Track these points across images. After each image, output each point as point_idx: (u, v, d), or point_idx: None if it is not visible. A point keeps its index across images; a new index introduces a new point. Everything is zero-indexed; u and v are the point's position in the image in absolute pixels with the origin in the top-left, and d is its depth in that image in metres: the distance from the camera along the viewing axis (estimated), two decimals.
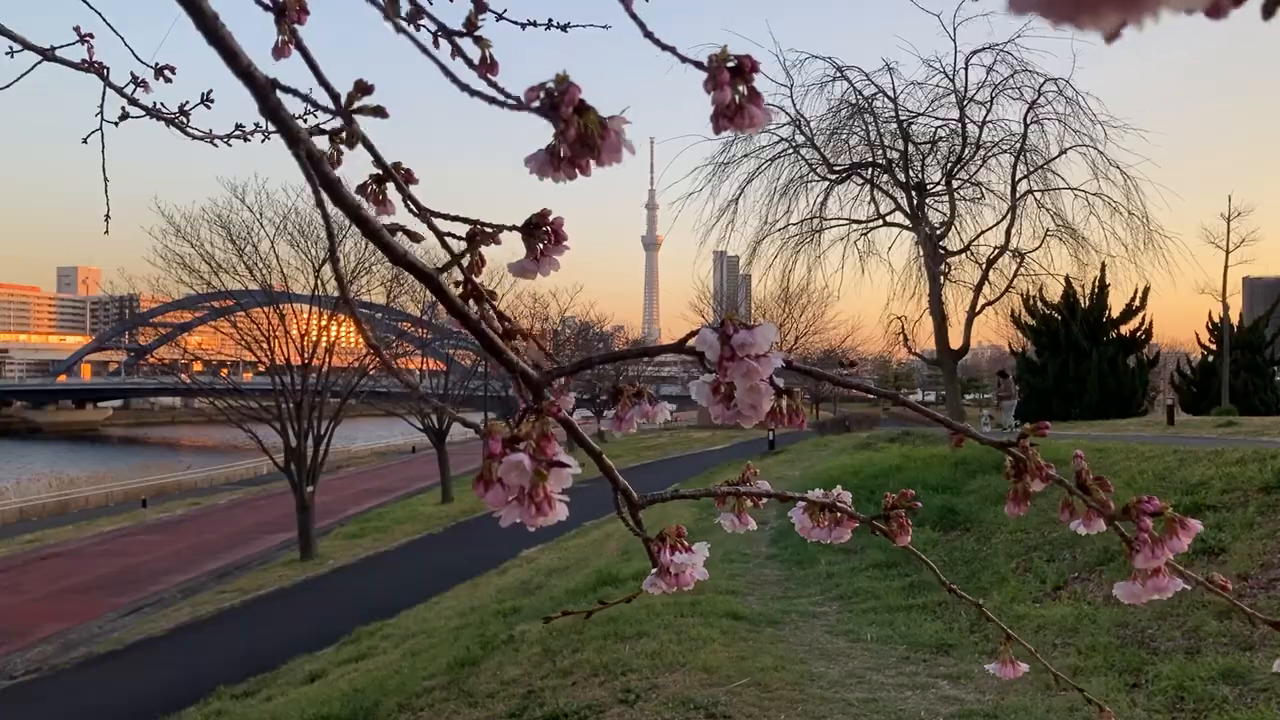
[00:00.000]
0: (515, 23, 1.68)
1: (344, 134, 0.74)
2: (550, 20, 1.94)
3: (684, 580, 0.85)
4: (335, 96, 0.73)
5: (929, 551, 9.65)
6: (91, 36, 2.20)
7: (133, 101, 2.34)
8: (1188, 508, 8.61)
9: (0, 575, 18.98)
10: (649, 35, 0.70)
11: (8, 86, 2.37)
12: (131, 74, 2.31)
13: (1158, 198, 25.74)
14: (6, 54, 2.15)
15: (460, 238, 0.78)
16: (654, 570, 0.85)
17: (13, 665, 12.79)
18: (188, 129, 2.44)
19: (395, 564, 19.17)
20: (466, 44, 0.82)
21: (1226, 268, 35.07)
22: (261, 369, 23.57)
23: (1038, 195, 18.94)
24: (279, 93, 0.68)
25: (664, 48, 0.70)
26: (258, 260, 22.18)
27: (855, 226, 20.05)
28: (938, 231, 18.50)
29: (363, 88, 0.74)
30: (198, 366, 27.78)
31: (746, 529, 0.97)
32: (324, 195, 0.68)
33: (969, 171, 18.75)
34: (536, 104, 0.66)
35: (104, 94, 2.32)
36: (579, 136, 0.67)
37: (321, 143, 0.74)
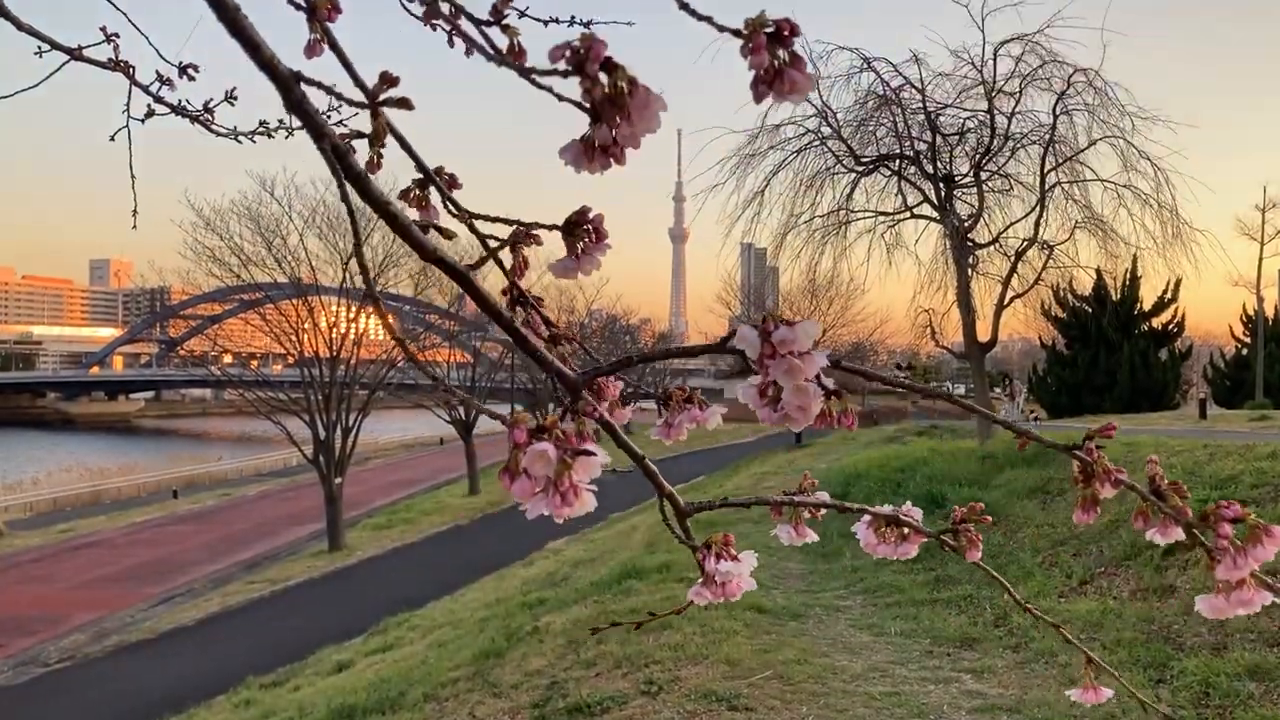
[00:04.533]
0: (538, 19, 1.70)
1: (375, 130, 0.74)
2: (573, 17, 1.95)
3: (731, 590, 0.82)
4: (364, 88, 0.73)
5: None
6: (117, 36, 2.23)
7: (158, 100, 2.37)
8: (1216, 502, 8.51)
9: (35, 565, 19.28)
10: (684, 6, 0.67)
11: (36, 85, 2.41)
12: (157, 72, 2.34)
13: (1188, 190, 25.41)
14: (35, 54, 2.19)
15: (501, 240, 0.77)
16: (699, 580, 0.82)
17: (47, 653, 12.99)
18: (212, 126, 2.47)
19: (422, 555, 19.30)
20: (495, 34, 0.81)
21: (1261, 260, 34.68)
22: (290, 361, 23.77)
23: (1066, 187, 18.74)
24: (303, 86, 0.68)
25: (700, 18, 0.68)
26: (286, 253, 22.37)
27: (882, 218, 19.92)
28: (965, 223, 18.34)
29: (388, 79, 0.73)
30: (228, 359, 28.05)
31: (805, 540, 0.93)
32: (349, 190, 0.69)
33: (997, 163, 18.57)
34: (562, 63, 0.64)
35: (130, 92, 2.36)
36: (608, 96, 0.64)
37: (360, 146, 0.74)
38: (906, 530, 0.93)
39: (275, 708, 9.02)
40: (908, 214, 19.61)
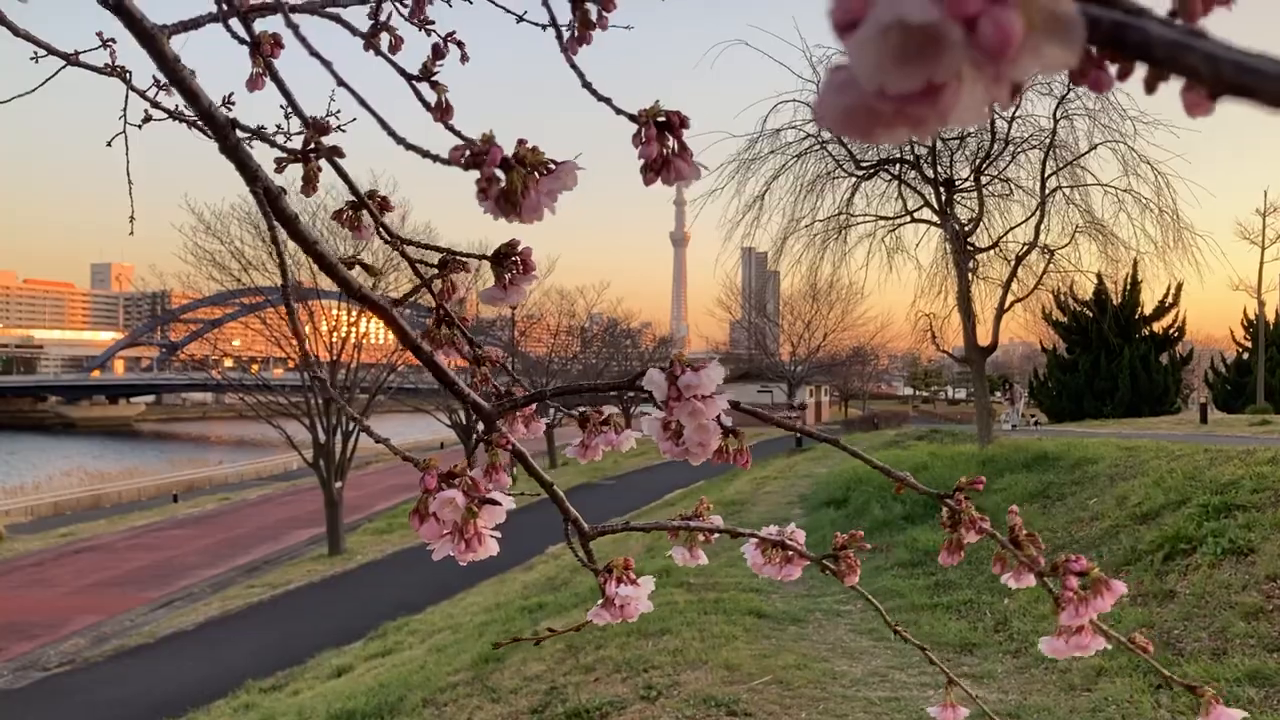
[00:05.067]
0: (537, 24, 1.71)
1: (305, 174, 0.76)
2: (571, 22, 1.95)
3: (629, 613, 0.86)
4: (305, 120, 0.75)
5: None
6: (114, 41, 2.23)
7: (155, 105, 2.37)
8: (1217, 507, 8.51)
9: (35, 569, 19.27)
10: (587, 85, 0.71)
11: (32, 91, 2.42)
12: (154, 78, 2.34)
13: (1189, 194, 25.43)
14: (31, 59, 2.19)
15: (431, 265, 0.80)
16: (599, 602, 0.86)
17: (46, 657, 12.98)
18: (208, 132, 2.48)
19: (423, 559, 19.26)
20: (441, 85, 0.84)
21: (1262, 264, 34.64)
22: (291, 365, 23.77)
23: (1067, 191, 18.76)
24: (239, 131, 0.70)
25: (600, 99, 0.72)
26: (288, 254, 22.33)
27: (882, 223, 19.94)
28: (966, 228, 18.35)
29: (320, 128, 0.76)
30: (228, 362, 28.08)
31: (698, 563, 0.98)
32: (280, 233, 0.70)
33: (998, 167, 18.59)
34: (461, 162, 0.66)
35: (127, 97, 2.36)
36: (503, 194, 0.68)
37: (297, 170, 0.76)
38: (790, 553, 0.98)
39: (275, 712, 9.01)
40: (908, 218, 19.63)
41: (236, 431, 63.22)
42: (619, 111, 0.70)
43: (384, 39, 1.04)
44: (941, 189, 18.35)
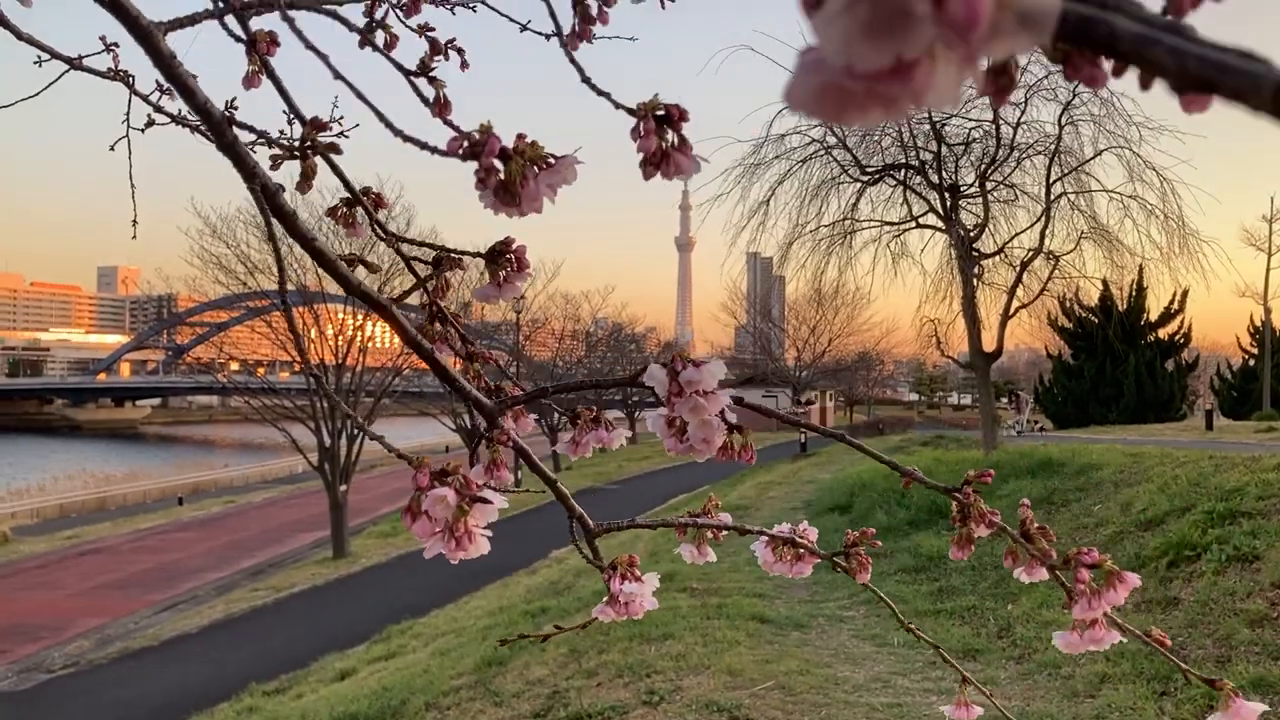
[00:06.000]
0: (539, 33, 1.71)
1: (304, 170, 0.76)
2: (559, 30, 1.95)
3: (633, 609, 0.86)
4: (300, 118, 0.75)
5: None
6: (117, 45, 2.24)
7: (158, 109, 2.38)
8: (1222, 514, 8.49)
9: (39, 571, 19.30)
10: (586, 80, 0.72)
11: (36, 95, 2.42)
12: (157, 82, 2.34)
13: (1194, 200, 25.41)
14: (35, 63, 2.19)
15: (426, 262, 0.80)
16: (605, 599, 0.86)
17: (50, 659, 12.99)
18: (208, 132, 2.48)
19: (427, 563, 19.10)
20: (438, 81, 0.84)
21: (1268, 270, 34.60)
22: (297, 369, 23.79)
23: (1072, 197, 18.75)
24: (235, 128, 0.70)
25: (599, 93, 0.72)
26: (293, 260, 22.39)
27: (888, 228, 19.94)
28: (971, 233, 18.34)
29: (317, 125, 0.76)
30: (234, 366, 28.12)
31: (706, 561, 0.98)
32: (277, 229, 0.70)
33: (1003, 173, 18.58)
34: (460, 153, 0.67)
35: (130, 101, 2.37)
36: (501, 184, 0.68)
37: (294, 167, 0.76)
38: (801, 550, 0.99)
39: (278, 715, 9.01)
40: (913, 224, 19.63)
41: (242, 435, 63.29)
42: (618, 106, 0.70)
43: (380, 36, 1.05)
44: (947, 194, 18.35)
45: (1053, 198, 18.14)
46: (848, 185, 19.32)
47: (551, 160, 0.69)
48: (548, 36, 1.81)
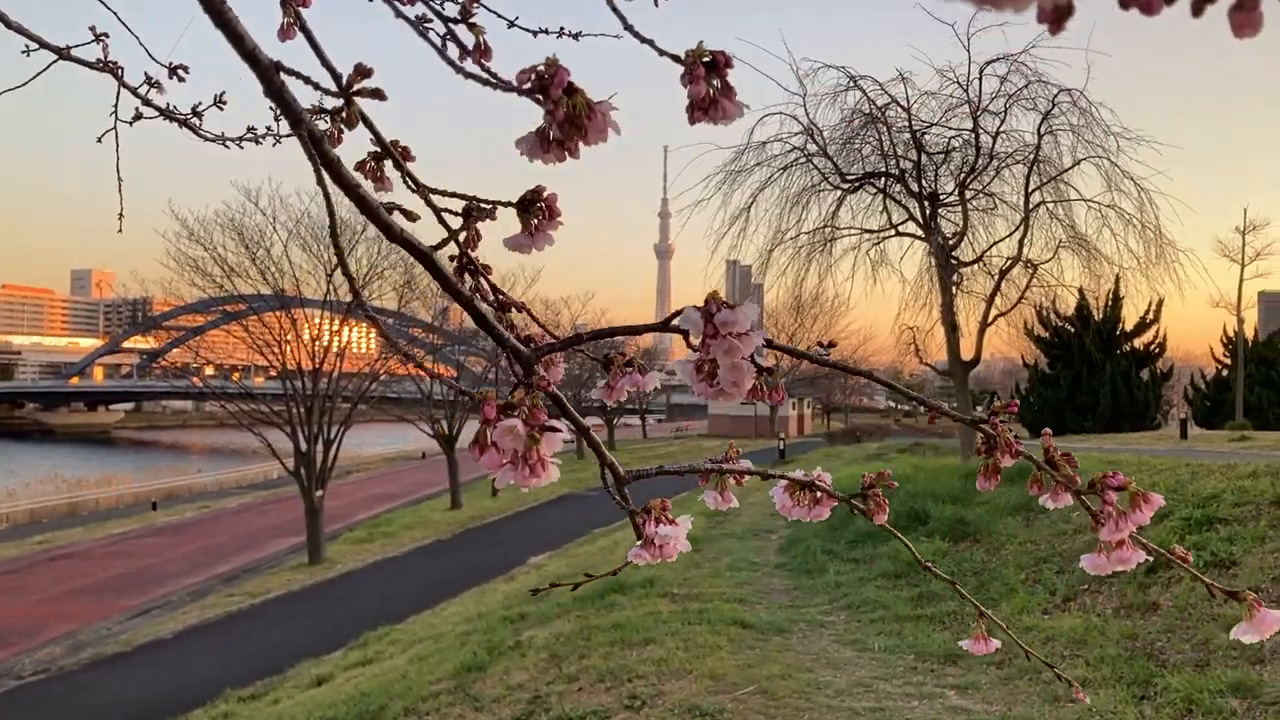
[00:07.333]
0: (527, 30, 1.69)
1: (344, 114, 0.76)
2: (562, 29, 1.93)
3: (668, 552, 0.86)
4: (338, 78, 0.74)
5: (939, 563, 9.62)
6: (106, 36, 2.20)
7: (146, 102, 2.34)
8: (1199, 521, 8.56)
9: (9, 576, 19.07)
10: (629, 28, 0.72)
11: (24, 85, 2.38)
12: (145, 74, 2.31)
13: (1171, 210, 25.59)
14: (22, 53, 2.16)
15: (457, 214, 0.79)
16: (638, 543, 0.86)
17: (21, 665, 12.83)
18: (200, 130, 2.44)
19: (403, 569, 19.18)
20: (462, 31, 0.84)
21: (1242, 281, 34.97)
22: (273, 373, 23.64)
23: (1050, 206, 18.85)
24: (283, 75, 0.69)
25: (643, 40, 0.73)
26: (270, 264, 22.26)
27: (867, 236, 19.98)
28: (950, 242, 18.42)
29: (362, 71, 0.75)
30: (209, 370, 27.89)
31: (730, 507, 1.00)
32: (324, 175, 0.69)
33: (982, 182, 18.67)
34: (528, 85, 0.67)
35: (118, 94, 2.33)
36: (568, 117, 0.69)
37: (323, 123, 0.75)
38: (819, 494, 1.01)
39: None
40: (893, 232, 19.69)
41: (217, 440, 62.82)
42: (662, 53, 0.72)
43: None
44: (926, 203, 18.43)
45: (1031, 207, 18.24)
46: (828, 193, 19.36)
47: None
48: (534, 34, 1.79)
